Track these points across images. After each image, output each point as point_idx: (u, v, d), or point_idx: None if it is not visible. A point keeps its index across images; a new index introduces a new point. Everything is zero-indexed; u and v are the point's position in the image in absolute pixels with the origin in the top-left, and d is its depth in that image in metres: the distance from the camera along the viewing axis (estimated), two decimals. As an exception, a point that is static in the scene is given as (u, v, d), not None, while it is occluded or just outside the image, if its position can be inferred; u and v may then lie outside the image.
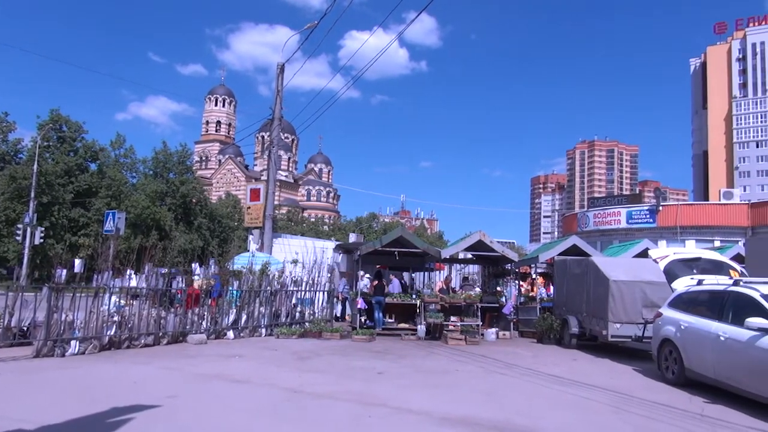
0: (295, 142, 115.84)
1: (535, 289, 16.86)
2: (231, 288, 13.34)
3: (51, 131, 38.88)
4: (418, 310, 14.61)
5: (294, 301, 14.72)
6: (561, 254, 15.54)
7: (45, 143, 37.97)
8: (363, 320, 14.91)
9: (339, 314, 17.86)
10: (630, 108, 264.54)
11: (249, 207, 20.08)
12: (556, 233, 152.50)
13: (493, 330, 14.34)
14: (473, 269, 22.10)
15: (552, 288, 15.85)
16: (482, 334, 13.95)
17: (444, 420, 6.06)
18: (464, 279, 19.28)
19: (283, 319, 14.19)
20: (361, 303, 14.59)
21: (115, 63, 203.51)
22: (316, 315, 14.94)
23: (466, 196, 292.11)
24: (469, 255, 18.15)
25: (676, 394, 7.82)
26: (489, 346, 12.79)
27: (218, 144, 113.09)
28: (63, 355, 9.39)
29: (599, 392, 7.74)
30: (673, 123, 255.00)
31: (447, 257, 16.98)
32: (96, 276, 10.82)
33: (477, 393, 7.67)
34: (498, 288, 17.39)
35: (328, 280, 15.84)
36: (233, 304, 13.08)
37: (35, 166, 33.56)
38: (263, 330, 13.49)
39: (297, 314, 14.64)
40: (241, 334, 13.00)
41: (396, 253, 15.22)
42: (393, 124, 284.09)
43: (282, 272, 14.66)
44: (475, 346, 12.64)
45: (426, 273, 18.95)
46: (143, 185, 43.40)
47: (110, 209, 29.32)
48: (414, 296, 15.42)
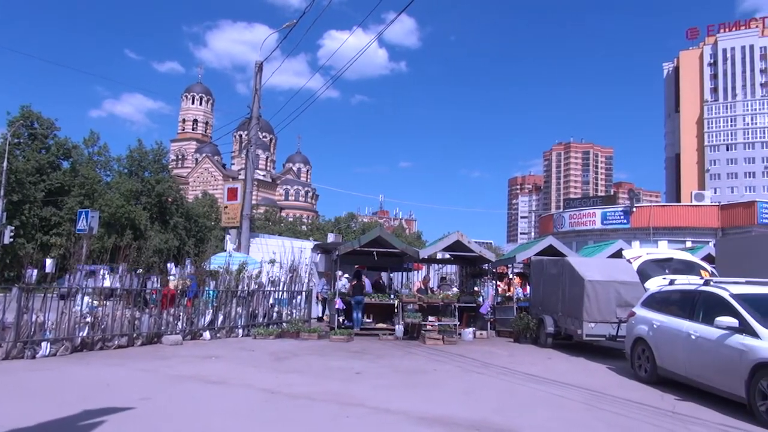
0: (274, 142, 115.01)
1: (512, 289, 17.00)
2: (207, 288, 13.20)
3: (22, 128, 37.95)
4: (397, 310, 14.64)
5: (271, 302, 14.63)
6: (537, 254, 15.73)
7: (15, 140, 37.06)
8: (341, 320, 14.89)
9: (319, 314, 17.82)
10: (605, 110, 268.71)
11: (226, 206, 19.88)
12: (533, 234, 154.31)
13: (471, 330, 14.44)
14: (451, 269, 22.20)
15: (528, 288, 16.01)
16: (460, 334, 14.04)
17: (421, 419, 6.08)
18: (442, 279, 19.37)
19: (261, 320, 14.09)
20: (339, 303, 14.56)
21: (90, 59, 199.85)
22: (294, 315, 14.87)
23: (445, 197, 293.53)
24: (447, 255, 18.24)
25: (649, 392, 7.97)
26: (466, 346, 12.87)
27: (195, 142, 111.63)
28: (33, 357, 9.19)
29: (574, 390, 7.85)
30: (647, 126, 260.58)
31: (425, 257, 17.05)
32: (68, 276, 10.61)
33: (454, 392, 7.72)
34: (475, 288, 17.51)
35: (307, 280, 15.79)
36: (210, 305, 12.94)
37: (5, 164, 32.76)
38: (240, 330, 13.38)
39: (274, 314, 14.55)
40: (218, 335, 12.87)
41: (374, 253, 15.23)
42: (372, 125, 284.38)
43: (260, 272, 14.56)
44: (453, 346, 12.70)
45: (404, 273, 19.00)
46: (117, 184, 42.66)
47: (83, 208, 28.68)
48: (392, 296, 15.45)
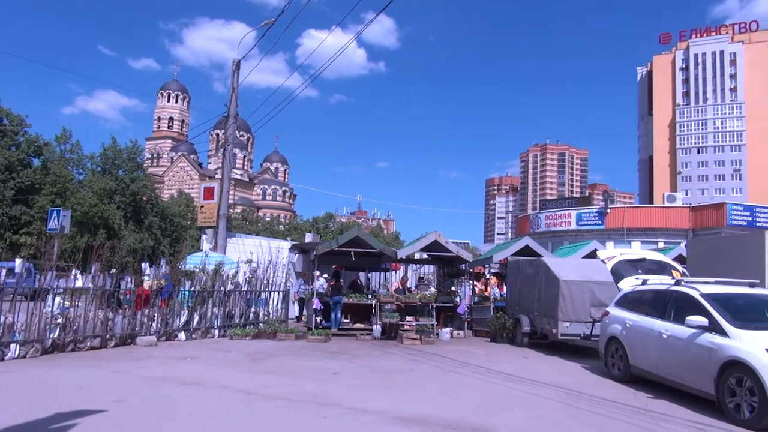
0: (251, 141, 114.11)
1: (489, 289, 17.13)
2: (183, 288, 13.03)
3: (-10, 124, 37.05)
4: (374, 311, 14.64)
5: (248, 299, 14.49)
6: (514, 255, 15.87)
7: (-16, 137, 36.15)
8: (319, 320, 14.83)
9: (296, 315, 17.72)
10: (581, 113, 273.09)
11: (202, 206, 19.64)
12: (510, 234, 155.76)
13: (448, 329, 14.51)
14: (429, 269, 22.28)
15: (505, 288, 16.16)
16: (437, 334, 14.10)
17: (399, 419, 6.08)
18: (420, 279, 19.43)
19: (237, 320, 13.95)
20: (317, 303, 14.50)
21: (62, 55, 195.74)
22: (271, 315, 14.77)
23: (423, 197, 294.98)
24: (425, 255, 18.30)
25: (622, 390, 8.10)
26: (443, 346, 12.93)
27: (170, 141, 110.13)
28: (2, 359, 8.95)
29: (549, 389, 7.94)
30: (622, 129, 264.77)
31: (403, 257, 17.08)
32: (38, 276, 10.36)
33: (432, 392, 7.74)
34: (453, 288, 17.59)
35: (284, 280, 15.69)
36: (185, 305, 12.77)
37: (-27, 161, 31.93)
38: (216, 331, 13.24)
39: (251, 315, 14.43)
40: (193, 336, 12.71)
41: (352, 253, 15.20)
42: (351, 124, 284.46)
43: (236, 272, 14.42)
44: (430, 346, 12.75)
45: (382, 273, 19.01)
46: (90, 182, 41.84)
47: (54, 206, 28.07)
48: (370, 296, 15.45)
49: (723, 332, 6.79)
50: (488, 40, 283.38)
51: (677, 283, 8.46)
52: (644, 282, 9.82)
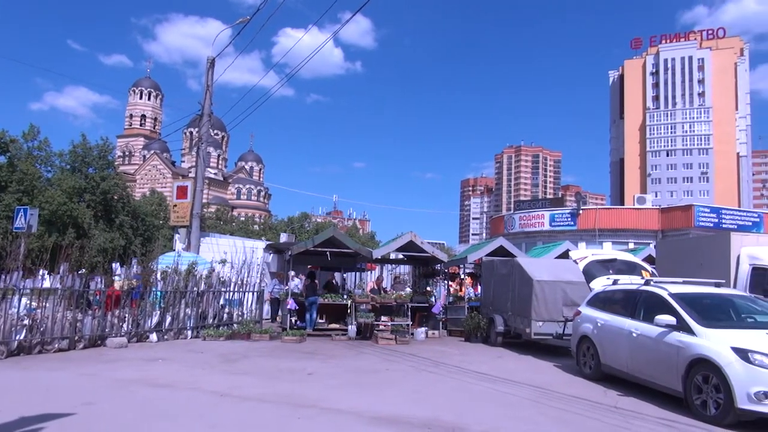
0: (226, 139, 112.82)
1: (464, 289, 17.25)
2: (155, 289, 12.82)
3: (-46, 120, 35.87)
4: (349, 311, 14.61)
5: (222, 302, 14.34)
6: (488, 255, 16.02)
7: (-54, 132, 34.99)
8: (294, 321, 14.74)
9: (270, 315, 17.59)
10: (555, 115, 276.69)
11: (175, 205, 19.35)
12: (484, 234, 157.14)
13: (423, 329, 14.57)
14: (404, 269, 22.35)
15: (479, 288, 16.29)
16: (412, 334, 14.14)
17: (374, 419, 6.09)
18: (395, 279, 19.47)
19: (211, 321, 13.79)
20: (292, 303, 14.41)
21: (29, 49, 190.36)
22: (245, 316, 14.63)
23: (399, 197, 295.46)
24: (401, 255, 18.34)
25: (593, 388, 8.24)
26: (418, 345, 12.98)
27: (143, 139, 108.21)
28: (-35, 362, 8.70)
29: (522, 388, 8.04)
30: (594, 131, 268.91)
31: (378, 257, 17.09)
32: (3, 276, 10.08)
33: (406, 391, 7.77)
34: (428, 288, 17.68)
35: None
36: (157, 306, 12.57)
37: (-65, 157, 30.87)
38: (189, 332, 13.06)
39: (225, 315, 14.28)
40: (165, 337, 12.52)
41: (328, 254, 15.16)
42: (327, 124, 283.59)
43: (210, 272, 14.25)
44: (405, 346, 12.79)
45: (357, 273, 18.99)
46: (59, 180, 40.78)
47: (21, 205, 27.36)
48: (345, 296, 15.42)
49: (690, 331, 6.96)
50: (464, 42, 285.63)
51: (647, 283, 8.64)
52: (615, 282, 10.00)
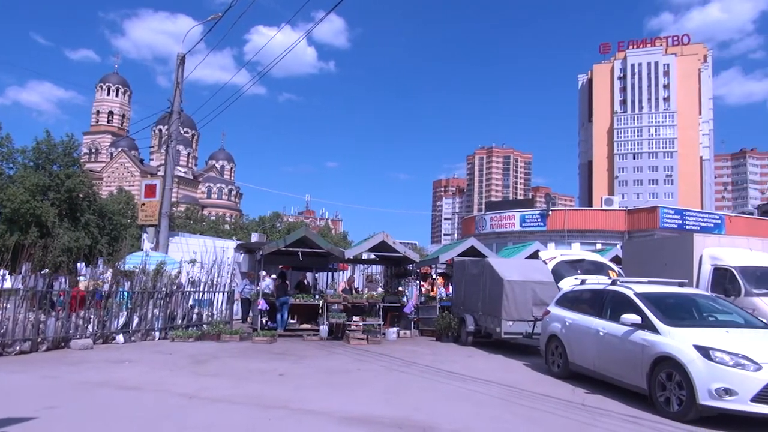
0: (196, 138, 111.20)
1: (435, 289, 17.37)
2: (121, 289, 12.56)
3: None
4: (321, 311, 14.55)
5: (191, 303, 14.13)
6: (460, 255, 16.14)
7: None
8: (264, 321, 14.61)
9: (240, 316, 17.39)
10: (526, 117, 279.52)
11: (143, 203, 18.99)
12: (456, 235, 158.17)
13: (395, 329, 14.60)
14: (376, 269, 22.37)
15: (451, 288, 16.41)
16: (384, 334, 14.16)
17: (345, 419, 6.08)
18: (367, 279, 19.47)
19: (179, 322, 13.57)
20: (263, 304, 14.29)
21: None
22: (215, 317, 14.44)
23: (371, 198, 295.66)
24: (373, 255, 18.36)
25: (561, 386, 8.37)
26: (390, 345, 13.01)
27: (110, 136, 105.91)
28: None
29: (492, 386, 8.13)
30: (564, 134, 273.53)
31: (351, 257, 17.07)
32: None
33: (378, 391, 7.77)
34: (400, 288, 17.73)
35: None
36: (124, 307, 12.31)
37: None
38: (157, 333, 12.83)
39: (194, 316, 14.07)
40: (132, 338, 12.27)
41: (299, 253, 15.07)
42: (300, 123, 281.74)
43: (179, 272, 14.02)
44: (377, 346, 12.80)
45: (329, 273, 18.93)
46: (22, 178, 39.54)
47: (-19, 203, 26.50)
48: (317, 297, 15.35)
49: (655, 329, 7.13)
50: (437, 44, 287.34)
51: (613, 283, 8.83)
52: (583, 282, 10.19)
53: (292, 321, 15.16)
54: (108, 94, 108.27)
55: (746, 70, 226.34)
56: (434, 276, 18.54)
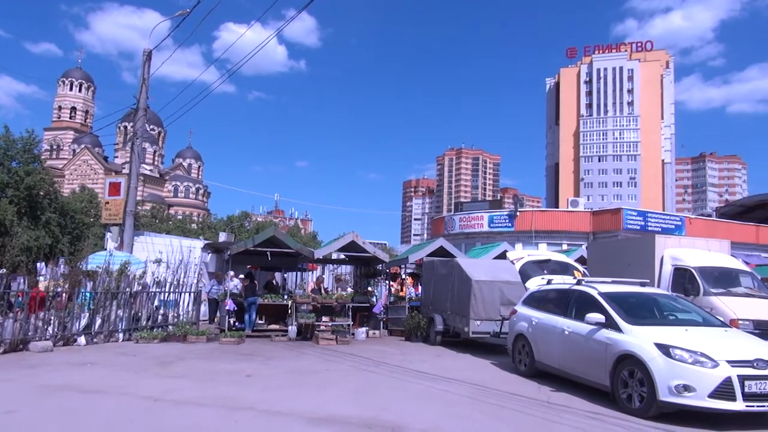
0: (163, 135, 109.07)
1: (405, 289, 17.41)
2: (83, 290, 12.23)
3: None
4: (290, 311, 14.45)
5: (157, 304, 13.85)
6: (429, 255, 16.23)
7: None
8: (232, 322, 14.43)
9: (209, 317, 17.14)
10: (495, 119, 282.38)
11: (107, 202, 18.54)
12: (426, 235, 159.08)
13: (364, 329, 14.60)
14: (346, 269, 22.32)
15: (420, 288, 16.49)
16: (353, 334, 14.14)
17: (313, 420, 6.05)
18: (337, 279, 19.42)
19: (144, 323, 13.29)
20: (231, 304, 14.11)
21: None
22: (181, 318, 14.19)
23: (341, 198, 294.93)
24: (342, 255, 18.31)
25: (527, 385, 8.51)
26: (359, 345, 13.00)
27: (73, 132, 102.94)
28: None
29: (460, 386, 8.20)
30: (532, 136, 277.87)
31: (320, 257, 17.00)
32: None
33: (346, 392, 7.76)
34: (369, 288, 17.73)
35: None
36: (86, 308, 11.99)
37: None
38: (120, 335, 12.55)
39: (160, 317, 13.80)
40: (95, 340, 11.97)
41: (268, 253, 14.93)
42: (269, 122, 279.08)
43: (144, 272, 13.73)
44: (346, 346, 12.78)
45: (299, 273, 18.81)
46: (-22, 174, 38.23)
47: (-66, 200, 25.46)
48: (285, 297, 15.23)
49: (617, 328, 7.31)
50: (408, 45, 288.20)
51: (578, 283, 9.01)
52: (549, 282, 10.37)
53: (261, 321, 15.01)
54: (71, 90, 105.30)
55: (706, 77, 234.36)
56: (404, 276, 18.59)
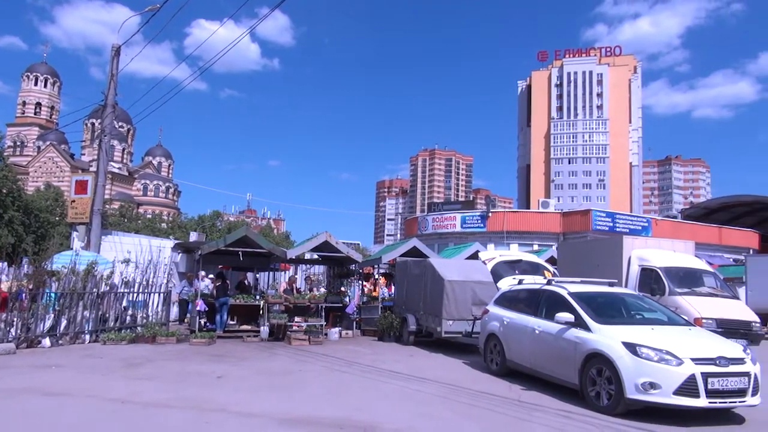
0: (132, 132, 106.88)
1: (378, 289, 17.43)
2: (48, 290, 11.90)
3: None
4: (262, 311, 14.32)
5: (125, 304, 13.58)
6: (402, 256, 16.28)
7: None
8: (203, 323, 14.23)
9: (179, 317, 16.88)
10: (467, 120, 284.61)
11: (74, 200, 18.08)
12: (399, 235, 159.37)
13: (337, 329, 14.56)
14: (319, 269, 22.23)
15: (393, 288, 16.53)
16: (326, 334, 14.09)
17: (285, 421, 6.01)
18: (307, 279, 19.33)
19: (112, 324, 13.01)
20: (201, 305, 13.91)
21: None
22: (151, 318, 13.94)
23: (314, 198, 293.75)
24: (316, 255, 18.23)
25: (499, 384, 8.60)
26: (332, 346, 12.96)
27: (37, 128, 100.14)
28: None
29: (433, 385, 8.25)
30: (504, 137, 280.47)
31: (293, 258, 16.89)
32: None
33: (319, 392, 7.73)
34: (342, 288, 17.69)
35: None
36: (50, 308, 11.68)
37: None
38: (87, 336, 12.26)
39: (128, 318, 13.53)
40: (60, 342, 11.66)
41: (240, 253, 14.77)
42: (241, 121, 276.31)
43: (112, 272, 13.44)
44: (319, 346, 12.72)
45: (271, 273, 18.66)
46: (-63, 171, 36.95)
47: None
48: (258, 297, 15.09)
49: (586, 327, 7.44)
50: (381, 45, 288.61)
51: (548, 283, 9.14)
52: (520, 282, 10.50)
53: (232, 322, 14.84)
54: (35, 84, 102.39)
55: (672, 82, 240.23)
56: (377, 276, 18.61)
